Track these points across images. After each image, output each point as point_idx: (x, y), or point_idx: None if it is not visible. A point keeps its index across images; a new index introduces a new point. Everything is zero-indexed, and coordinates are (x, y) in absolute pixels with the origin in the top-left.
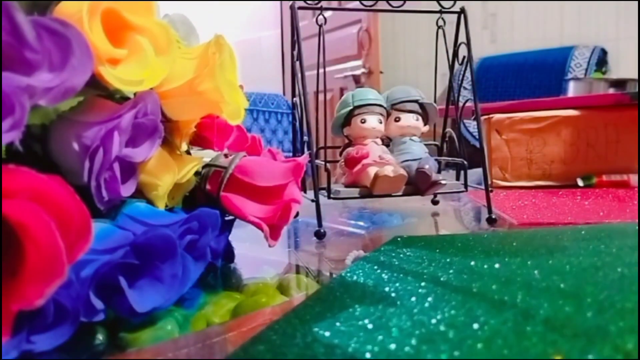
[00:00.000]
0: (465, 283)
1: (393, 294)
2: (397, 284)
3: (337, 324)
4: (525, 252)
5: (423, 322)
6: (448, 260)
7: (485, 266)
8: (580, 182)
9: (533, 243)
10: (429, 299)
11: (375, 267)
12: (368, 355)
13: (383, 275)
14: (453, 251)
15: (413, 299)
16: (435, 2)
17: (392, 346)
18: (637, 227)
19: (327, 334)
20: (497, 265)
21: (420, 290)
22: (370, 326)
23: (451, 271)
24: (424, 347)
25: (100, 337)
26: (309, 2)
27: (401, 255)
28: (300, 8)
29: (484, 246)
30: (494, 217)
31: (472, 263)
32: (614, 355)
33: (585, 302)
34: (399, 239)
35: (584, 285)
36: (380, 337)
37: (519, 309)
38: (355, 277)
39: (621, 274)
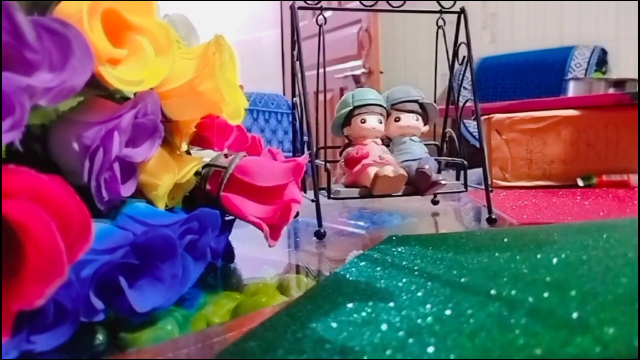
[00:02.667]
0: (454, 278)
1: (384, 291)
2: (388, 281)
3: (328, 320)
4: (515, 247)
5: (411, 317)
6: (439, 256)
7: (475, 261)
8: (580, 182)
9: (523, 239)
10: (418, 294)
11: (368, 265)
12: (355, 350)
13: (375, 272)
14: (445, 248)
15: (403, 294)
16: (435, 2)
17: (378, 340)
18: (627, 222)
19: (317, 329)
20: (485, 261)
21: (410, 286)
22: (359, 321)
23: (442, 267)
24: (411, 340)
25: (100, 337)
26: (309, 2)
27: (394, 253)
28: (300, 8)
29: (476, 243)
30: (494, 217)
31: (462, 259)
32: (593, 346)
33: (569, 294)
34: (393, 237)
35: (569, 278)
36: (368, 332)
37: (504, 302)
38: (348, 275)
39: (606, 266)
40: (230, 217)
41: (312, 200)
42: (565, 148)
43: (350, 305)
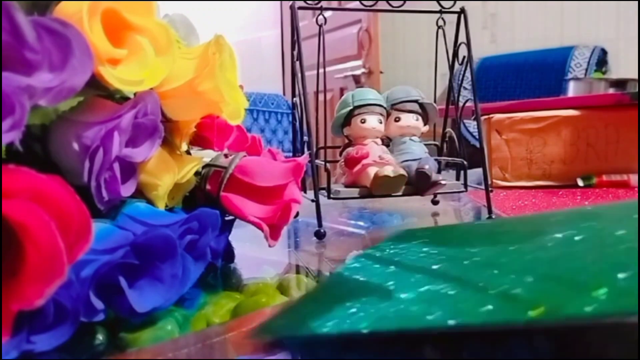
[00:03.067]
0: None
1: (386, 285)
2: (391, 276)
3: (325, 312)
4: (521, 233)
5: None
6: (445, 249)
7: (480, 249)
8: (580, 182)
9: (529, 227)
10: (426, 287)
11: (372, 260)
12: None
13: (384, 269)
14: (456, 240)
15: (408, 286)
16: (435, 2)
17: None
18: (615, 208)
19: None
20: (491, 248)
21: (416, 279)
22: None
23: (444, 257)
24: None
25: (100, 337)
26: (309, 2)
27: (401, 246)
28: (300, 8)
29: (482, 233)
30: (494, 217)
31: (471, 250)
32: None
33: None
34: (400, 233)
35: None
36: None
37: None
38: (351, 271)
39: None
40: (230, 217)
41: (312, 200)
42: (565, 148)
43: (347, 298)
